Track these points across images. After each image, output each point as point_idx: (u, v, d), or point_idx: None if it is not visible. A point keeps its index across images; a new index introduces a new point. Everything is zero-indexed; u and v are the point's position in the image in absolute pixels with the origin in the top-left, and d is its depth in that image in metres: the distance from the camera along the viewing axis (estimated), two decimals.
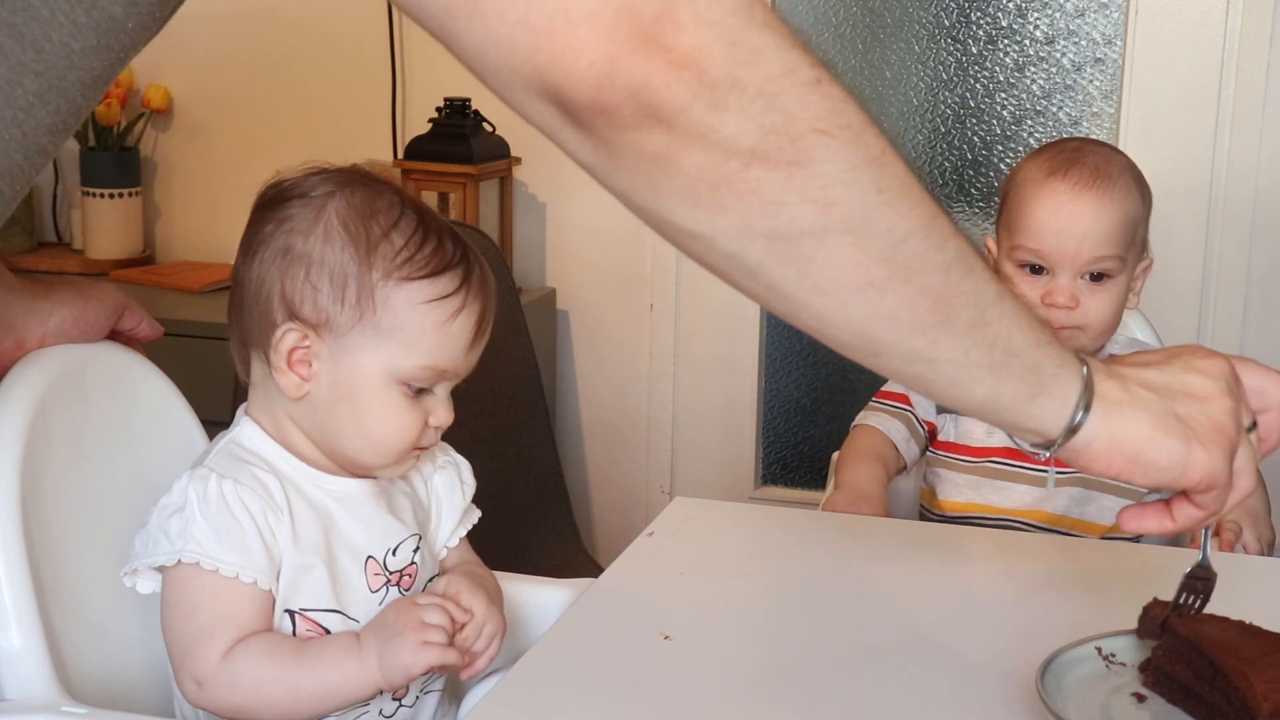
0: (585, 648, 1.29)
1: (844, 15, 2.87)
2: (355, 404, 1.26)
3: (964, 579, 1.52)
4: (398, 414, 1.27)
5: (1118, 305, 1.79)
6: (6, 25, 0.83)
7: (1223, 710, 1.11)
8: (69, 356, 1.37)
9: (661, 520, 1.58)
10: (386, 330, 1.24)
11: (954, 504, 1.81)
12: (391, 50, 3.00)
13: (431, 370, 1.26)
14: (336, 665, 1.23)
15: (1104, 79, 2.78)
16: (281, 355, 1.26)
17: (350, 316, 1.24)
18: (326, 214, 1.25)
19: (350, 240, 1.24)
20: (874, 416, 1.87)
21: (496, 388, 2.68)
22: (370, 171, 1.31)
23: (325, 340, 1.25)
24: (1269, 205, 2.72)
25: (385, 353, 1.25)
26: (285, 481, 1.28)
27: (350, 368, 1.26)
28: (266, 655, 1.22)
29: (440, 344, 1.26)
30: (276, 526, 1.25)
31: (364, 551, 1.30)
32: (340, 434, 1.28)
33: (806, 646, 1.30)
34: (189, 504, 1.23)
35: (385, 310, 1.24)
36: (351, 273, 1.24)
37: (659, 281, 2.99)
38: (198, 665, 1.22)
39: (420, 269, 1.24)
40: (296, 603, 1.26)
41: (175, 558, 1.23)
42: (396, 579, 1.32)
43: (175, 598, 1.24)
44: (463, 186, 2.80)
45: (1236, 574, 1.54)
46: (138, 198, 3.13)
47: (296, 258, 1.25)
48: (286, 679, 1.22)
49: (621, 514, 3.10)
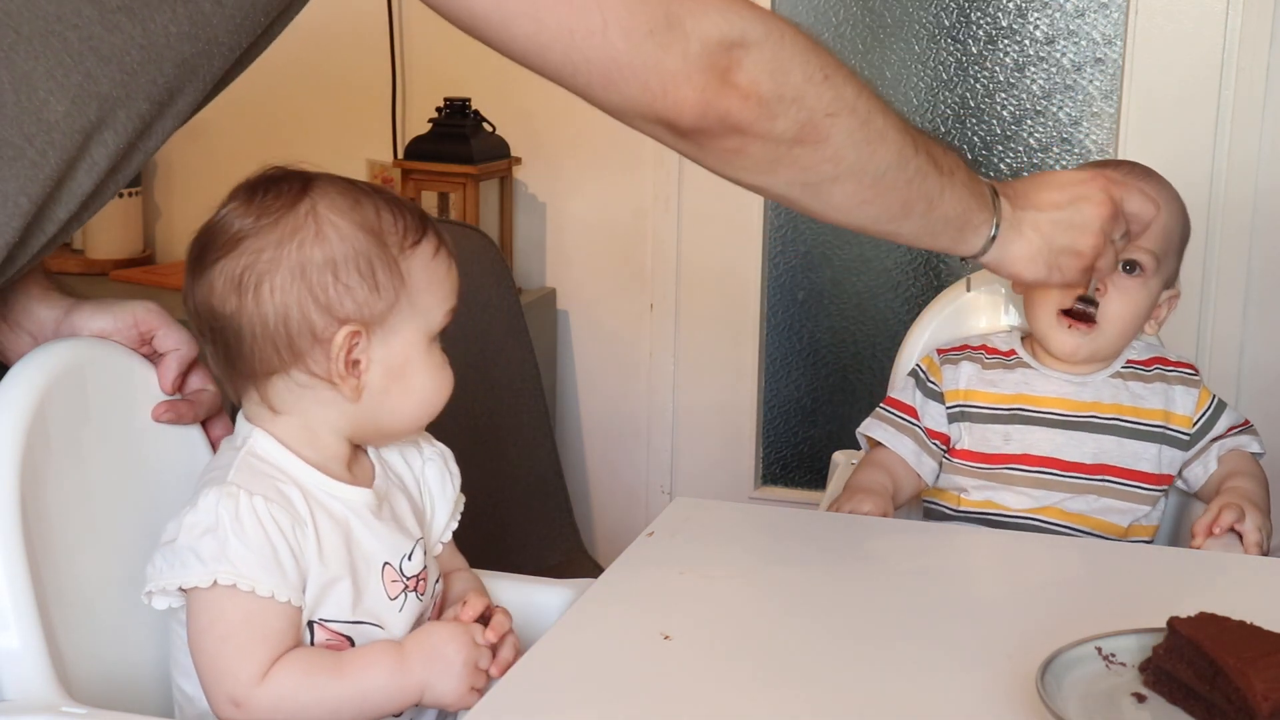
0: (585, 648, 1.29)
1: (844, 15, 2.87)
2: (407, 379, 1.30)
3: (964, 579, 1.52)
4: (440, 369, 1.32)
5: (1138, 311, 1.79)
6: (126, 8, 1.15)
7: (1223, 710, 1.11)
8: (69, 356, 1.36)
9: (661, 520, 1.58)
10: (416, 295, 1.29)
11: (969, 501, 1.81)
12: (391, 50, 3.00)
13: (451, 312, 1.34)
14: (380, 685, 1.24)
15: (1104, 79, 2.78)
16: (340, 362, 1.26)
17: (388, 299, 1.27)
18: (320, 217, 1.26)
19: (359, 228, 1.27)
20: (881, 429, 1.85)
21: (496, 388, 2.69)
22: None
23: (373, 332, 1.28)
24: (1268, 204, 2.72)
25: (420, 317, 1.30)
26: (307, 494, 1.27)
27: (397, 346, 1.29)
28: (306, 673, 1.22)
29: (449, 289, 1.33)
30: (304, 540, 1.25)
31: (380, 559, 1.30)
32: (395, 412, 1.32)
33: (806, 646, 1.30)
34: (221, 524, 1.22)
35: (411, 279, 1.29)
36: (374, 257, 1.27)
37: (659, 281, 2.99)
38: (237, 687, 1.21)
39: (414, 232, 1.31)
40: (319, 613, 1.26)
41: (210, 579, 1.21)
42: (414, 584, 1.32)
43: (208, 620, 1.23)
44: (463, 186, 2.80)
45: (1237, 574, 1.54)
46: (138, 198, 3.13)
47: (320, 267, 1.25)
48: (328, 698, 1.23)
49: (621, 514, 3.10)
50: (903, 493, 1.82)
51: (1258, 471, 1.80)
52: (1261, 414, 1.98)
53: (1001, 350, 1.86)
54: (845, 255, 2.94)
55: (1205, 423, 1.82)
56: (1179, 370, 1.85)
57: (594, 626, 1.33)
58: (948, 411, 1.84)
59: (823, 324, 2.97)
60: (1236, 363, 2.77)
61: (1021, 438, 1.80)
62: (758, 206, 2.93)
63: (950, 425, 1.84)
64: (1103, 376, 1.82)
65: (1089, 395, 1.81)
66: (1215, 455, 1.81)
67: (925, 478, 1.83)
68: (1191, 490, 1.83)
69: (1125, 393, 1.82)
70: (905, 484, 1.82)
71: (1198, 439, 1.82)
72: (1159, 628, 1.20)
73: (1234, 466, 1.80)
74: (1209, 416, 1.82)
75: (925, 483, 1.83)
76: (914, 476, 1.83)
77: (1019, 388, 1.82)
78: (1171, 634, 1.17)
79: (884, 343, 2.90)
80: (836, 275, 2.95)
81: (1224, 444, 1.82)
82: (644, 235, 2.97)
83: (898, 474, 1.82)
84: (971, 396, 1.83)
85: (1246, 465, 1.80)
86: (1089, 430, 1.79)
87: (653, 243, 2.97)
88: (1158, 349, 1.88)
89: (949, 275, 2.84)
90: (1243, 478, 1.77)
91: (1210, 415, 1.83)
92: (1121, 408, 1.81)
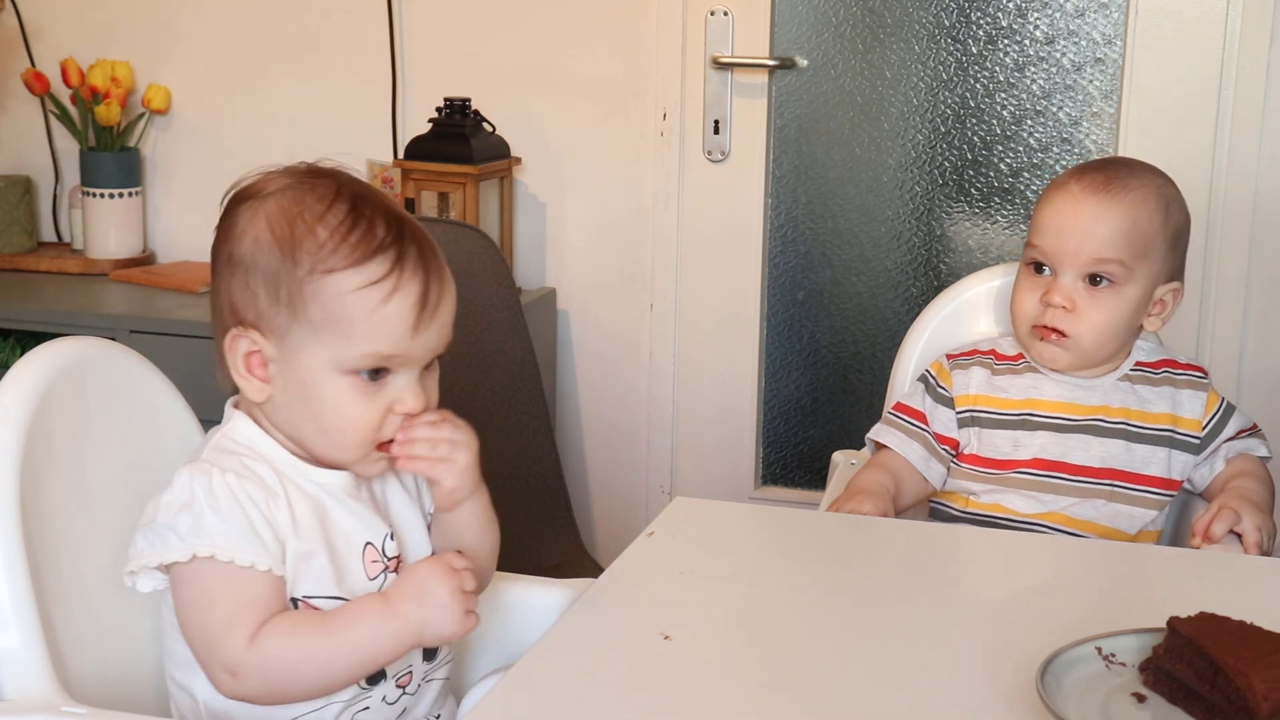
0: (585, 648, 1.29)
1: (844, 15, 2.87)
2: (309, 401, 1.28)
3: (964, 579, 1.52)
4: (350, 405, 1.27)
5: (1116, 318, 1.78)
6: None
7: (1223, 710, 1.11)
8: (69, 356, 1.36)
9: (661, 520, 1.58)
10: (321, 324, 1.25)
11: (977, 504, 1.80)
12: (391, 50, 3.00)
13: (374, 357, 1.25)
14: (370, 632, 1.24)
15: (1104, 79, 2.78)
16: (238, 361, 1.28)
17: (286, 316, 1.26)
18: (258, 218, 1.27)
19: (275, 241, 1.26)
20: (890, 434, 1.85)
21: (496, 388, 2.69)
22: (315, 166, 1.31)
23: (272, 342, 1.27)
24: (1269, 205, 2.72)
25: (325, 346, 1.25)
26: (278, 472, 1.29)
27: (298, 366, 1.27)
28: (292, 633, 1.23)
29: (378, 330, 1.25)
30: (277, 511, 1.26)
31: (361, 538, 1.31)
32: (303, 431, 1.30)
33: (806, 646, 1.30)
34: (196, 499, 1.24)
35: (316, 304, 1.25)
36: (280, 273, 1.25)
37: (659, 281, 2.99)
38: (228, 655, 1.23)
39: (344, 259, 1.24)
40: (299, 590, 1.27)
41: (189, 553, 1.23)
42: (395, 565, 1.32)
43: (192, 593, 1.24)
44: (463, 186, 2.79)
45: (1237, 574, 1.54)
46: (138, 198, 3.13)
47: (237, 264, 1.28)
48: (317, 655, 1.24)
49: (621, 514, 3.10)
50: (906, 496, 1.81)
51: (1263, 474, 1.80)
52: (1262, 416, 1.98)
53: (1010, 355, 1.86)
54: (845, 255, 2.94)
55: (1215, 426, 1.82)
56: (1188, 373, 1.85)
57: (594, 626, 1.33)
58: (958, 417, 1.83)
59: (823, 324, 2.97)
60: (1236, 364, 2.77)
61: (1030, 443, 1.79)
62: (757, 207, 2.93)
63: (960, 430, 1.83)
64: (1110, 380, 1.82)
65: (1097, 399, 1.81)
66: (1223, 457, 1.81)
67: (933, 482, 1.83)
68: (1197, 491, 1.83)
69: (1133, 396, 1.81)
70: (909, 487, 1.82)
71: (1208, 443, 1.81)
72: (1159, 628, 1.20)
73: (1240, 468, 1.80)
74: (1218, 420, 1.82)
75: (932, 487, 1.83)
76: (920, 481, 1.83)
77: (1028, 393, 1.82)
78: (1171, 634, 1.17)
79: (884, 343, 2.90)
80: (836, 275, 2.95)
81: (1232, 446, 1.82)
82: (644, 235, 2.97)
83: (902, 477, 1.81)
84: (981, 402, 1.83)
85: (1252, 467, 1.80)
86: (1096, 434, 1.79)
87: (653, 243, 2.97)
88: (1167, 351, 1.87)
89: (949, 275, 2.84)
90: (1247, 478, 1.77)
91: (1219, 418, 1.82)
92: (1129, 412, 1.80)
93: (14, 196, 3.14)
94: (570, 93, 2.97)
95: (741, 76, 2.90)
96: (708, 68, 2.90)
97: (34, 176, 3.25)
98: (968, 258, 2.88)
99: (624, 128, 2.96)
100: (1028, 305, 1.81)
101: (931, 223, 2.89)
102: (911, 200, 2.89)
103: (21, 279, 3.06)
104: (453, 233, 2.67)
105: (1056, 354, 1.79)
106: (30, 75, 3.11)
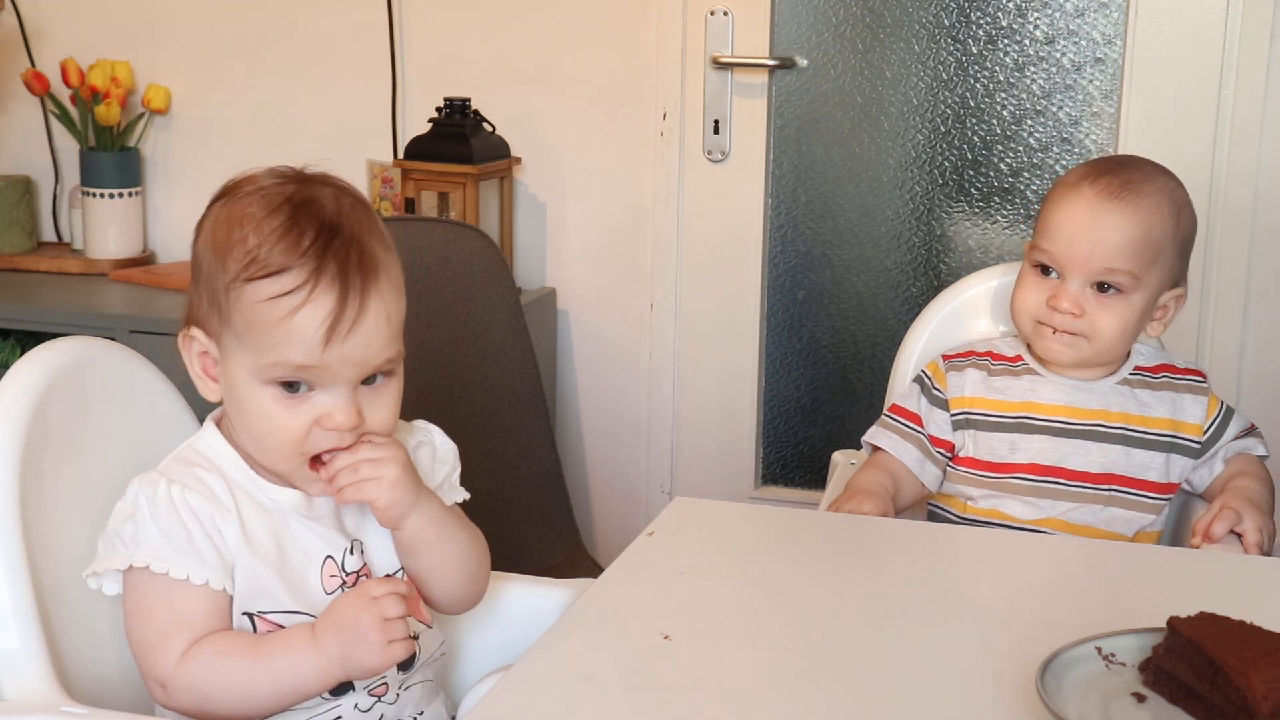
0: (585, 648, 1.29)
1: (844, 15, 2.87)
2: (239, 408, 1.28)
3: (964, 579, 1.52)
4: (269, 417, 1.26)
5: (1126, 324, 1.77)
6: None
7: (1223, 710, 1.11)
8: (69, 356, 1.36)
9: (661, 520, 1.58)
10: (241, 332, 1.25)
11: (975, 509, 1.80)
12: (391, 50, 3.00)
13: (284, 367, 1.24)
14: (293, 664, 1.24)
15: (1104, 79, 2.78)
16: (193, 359, 1.30)
17: (218, 321, 1.27)
18: (209, 221, 1.28)
19: (214, 246, 1.27)
20: (886, 437, 1.84)
21: (496, 388, 2.68)
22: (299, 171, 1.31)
23: (215, 345, 1.28)
24: (1269, 205, 2.72)
25: (246, 353, 1.25)
26: (232, 485, 1.29)
27: (229, 371, 1.28)
28: (222, 655, 1.23)
29: (285, 340, 1.23)
30: (224, 526, 1.26)
31: (320, 553, 1.30)
32: (243, 437, 1.30)
33: (806, 646, 1.30)
34: (139, 510, 1.25)
35: (236, 312, 1.25)
36: (215, 276, 1.26)
37: (659, 281, 2.99)
38: (158, 668, 1.24)
39: (260, 269, 1.23)
40: (255, 605, 1.27)
41: (128, 562, 1.24)
42: (353, 580, 1.32)
43: (133, 602, 1.26)
44: (463, 186, 2.79)
45: (1237, 574, 1.54)
46: (138, 198, 3.13)
47: (193, 264, 1.30)
48: (242, 679, 1.23)
49: (621, 514, 3.10)
50: (904, 497, 1.81)
51: (1262, 473, 1.80)
52: (1262, 417, 1.98)
53: (1008, 356, 1.84)
54: (845, 255, 2.94)
55: (1216, 430, 1.82)
56: (1187, 378, 1.84)
57: (594, 626, 1.33)
58: (952, 419, 1.82)
59: (823, 324, 2.97)
60: (1236, 366, 2.77)
61: (1027, 446, 1.78)
62: (758, 206, 2.93)
63: (955, 433, 1.82)
64: (1110, 383, 1.81)
65: (1096, 403, 1.80)
66: (1222, 457, 1.81)
67: (928, 484, 1.82)
68: (1197, 491, 1.83)
69: (1133, 401, 1.80)
70: (907, 489, 1.82)
71: (1209, 446, 1.81)
72: (1159, 628, 1.20)
73: (1239, 468, 1.80)
74: (1219, 424, 1.82)
75: (928, 489, 1.83)
76: (916, 483, 1.82)
77: (1026, 395, 1.81)
78: (1171, 634, 1.17)
79: (884, 343, 2.90)
80: (836, 275, 2.95)
81: (1230, 447, 1.81)
82: (644, 235, 2.97)
83: (900, 477, 1.81)
84: (977, 404, 1.82)
85: (1252, 467, 1.80)
86: (1096, 439, 1.78)
87: (653, 243, 2.97)
88: (1165, 355, 1.87)
89: (949, 275, 2.84)
90: (1247, 478, 1.77)
91: (1220, 422, 1.82)
92: (1129, 417, 1.80)
93: (14, 196, 3.14)
94: (570, 93, 2.97)
95: (741, 76, 2.90)
96: (708, 68, 2.90)
97: (34, 176, 3.25)
98: (968, 258, 2.88)
99: (624, 128, 2.96)
100: (1031, 301, 1.79)
101: (931, 223, 2.89)
102: (911, 200, 2.89)
103: (21, 279, 3.06)
104: (452, 233, 2.67)
105: (1064, 350, 1.78)
106: (30, 75, 3.11)
